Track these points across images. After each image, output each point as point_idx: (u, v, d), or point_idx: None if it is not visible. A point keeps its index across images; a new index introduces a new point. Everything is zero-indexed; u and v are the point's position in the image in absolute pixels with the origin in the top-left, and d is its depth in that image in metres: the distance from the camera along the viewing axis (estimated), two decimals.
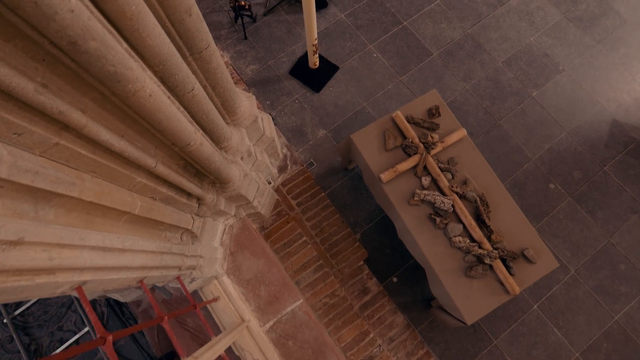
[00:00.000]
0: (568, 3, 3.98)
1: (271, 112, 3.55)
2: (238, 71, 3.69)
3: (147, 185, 1.53)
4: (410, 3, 3.95)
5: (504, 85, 3.67)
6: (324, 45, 3.76)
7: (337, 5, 3.92)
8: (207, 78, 1.84)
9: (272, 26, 3.84)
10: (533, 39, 3.83)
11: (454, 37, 3.83)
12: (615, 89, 3.66)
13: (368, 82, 3.62)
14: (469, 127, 3.51)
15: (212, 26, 3.83)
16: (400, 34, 3.82)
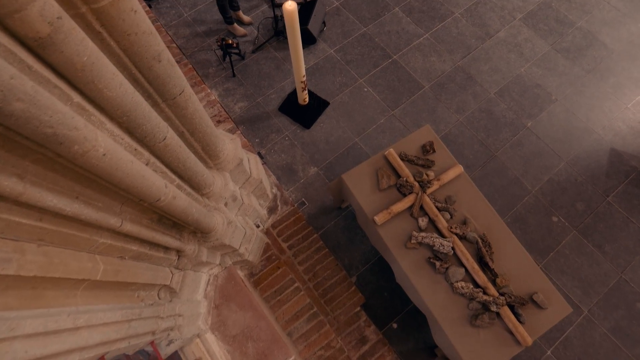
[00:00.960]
0: (554, 35, 4.01)
1: (260, 150, 3.44)
2: (226, 109, 3.61)
3: (112, 246, 1.37)
4: (399, 37, 3.96)
5: (498, 116, 3.60)
6: (313, 81, 3.72)
7: (326, 41, 3.92)
8: (184, 124, 1.73)
9: (261, 63, 3.81)
10: (523, 70, 3.82)
11: (445, 70, 3.81)
12: (610, 118, 3.60)
13: (359, 117, 3.55)
14: (464, 160, 3.41)
15: (200, 64, 3.80)
16: (390, 68, 3.80)
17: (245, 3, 4.11)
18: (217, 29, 3.98)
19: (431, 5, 4.15)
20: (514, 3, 4.18)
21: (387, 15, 4.09)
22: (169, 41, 3.80)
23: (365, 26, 4.02)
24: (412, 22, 4.06)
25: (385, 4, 4.16)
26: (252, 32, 3.96)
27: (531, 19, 4.09)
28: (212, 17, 4.03)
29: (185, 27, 3.99)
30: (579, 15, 4.12)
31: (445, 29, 4.02)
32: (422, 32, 4.01)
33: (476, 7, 4.15)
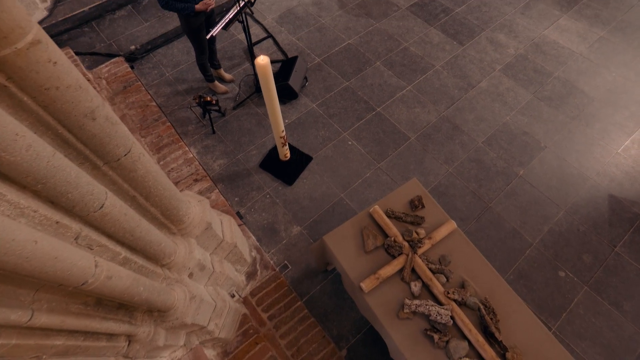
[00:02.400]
0: (535, 84, 4.04)
1: (240, 209, 3.22)
2: (204, 167, 3.44)
3: (20, 346, 1.08)
4: (381, 90, 3.96)
5: (489, 165, 3.47)
6: (295, 136, 3.61)
7: (308, 96, 3.89)
8: (136, 187, 1.52)
9: (242, 119, 3.73)
10: (509, 118, 3.77)
11: (430, 120, 3.75)
12: (602, 163, 3.48)
13: (344, 171, 3.39)
14: (457, 212, 3.20)
15: (179, 122, 3.71)
16: (374, 120, 3.73)
17: (227, 62, 4.14)
18: (198, 87, 3.95)
19: (412, 59, 4.22)
20: (492, 56, 4.27)
21: (368, 70, 4.13)
22: (149, 100, 3.74)
23: (348, 80, 4.03)
24: (394, 75, 4.08)
25: (366, 59, 4.22)
26: (234, 89, 3.94)
27: (510, 69, 4.15)
28: (193, 75, 4.03)
29: (166, 86, 3.97)
30: (555, 66, 4.19)
31: (428, 81, 4.04)
32: (405, 84, 4.02)
33: (456, 60, 4.22)
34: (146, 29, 4.28)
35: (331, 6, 4.74)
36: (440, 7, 4.74)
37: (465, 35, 4.46)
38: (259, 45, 4.30)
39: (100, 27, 4.33)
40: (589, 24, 4.59)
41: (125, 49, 4.13)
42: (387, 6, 4.76)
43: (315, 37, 4.41)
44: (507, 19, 4.62)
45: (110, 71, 3.94)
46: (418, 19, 4.62)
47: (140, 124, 3.59)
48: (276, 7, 4.73)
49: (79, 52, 4.06)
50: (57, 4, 4.32)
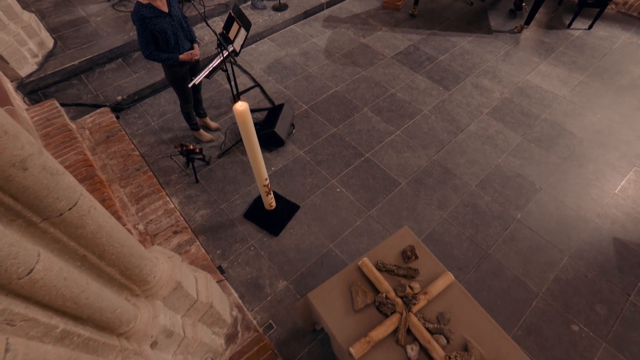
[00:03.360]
0: (523, 127, 4.02)
1: (222, 263, 2.98)
2: (186, 218, 3.25)
3: None
4: (370, 136, 3.91)
5: (484, 209, 3.32)
6: (282, 184, 3.48)
7: (295, 143, 3.82)
8: (86, 245, 1.33)
9: (227, 168, 3.61)
10: (501, 161, 3.69)
11: (421, 165, 3.66)
12: (601, 205, 3.35)
13: (333, 220, 3.21)
14: (454, 261, 2.99)
15: (162, 172, 3.58)
16: (363, 166, 3.63)
17: (214, 110, 4.12)
18: (184, 135, 3.88)
19: (399, 105, 4.23)
20: (478, 100, 4.31)
21: (356, 116, 4.11)
22: (132, 149, 3.64)
23: (335, 127, 3.99)
24: (382, 121, 4.06)
25: (354, 106, 4.22)
26: (219, 137, 3.87)
27: (497, 113, 4.16)
28: (179, 124, 3.97)
29: (150, 135, 3.89)
30: (541, 109, 4.22)
31: (416, 126, 4.02)
32: (393, 129, 3.98)
33: (443, 105, 4.24)
34: (134, 80, 4.30)
35: (318, 56, 4.86)
36: (424, 56, 4.88)
37: (451, 81, 4.53)
38: (246, 94, 4.32)
39: (89, 79, 4.36)
40: (568, 69, 4.72)
41: (112, 99, 4.11)
42: (373, 55, 4.89)
43: (302, 85, 4.46)
44: (490, 66, 4.74)
45: (95, 121, 3.88)
46: (404, 66, 4.73)
47: (120, 174, 3.45)
48: (264, 57, 4.84)
49: (65, 104, 4.04)
50: (48, 59, 4.37)
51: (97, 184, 3.17)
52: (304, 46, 5.03)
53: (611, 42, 5.15)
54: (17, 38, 4.07)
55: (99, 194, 3.09)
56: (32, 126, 3.58)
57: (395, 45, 5.05)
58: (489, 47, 5.02)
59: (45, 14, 5.03)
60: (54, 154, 3.38)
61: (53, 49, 4.47)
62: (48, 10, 5.10)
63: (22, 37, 4.14)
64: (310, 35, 5.23)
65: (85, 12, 5.04)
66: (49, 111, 3.76)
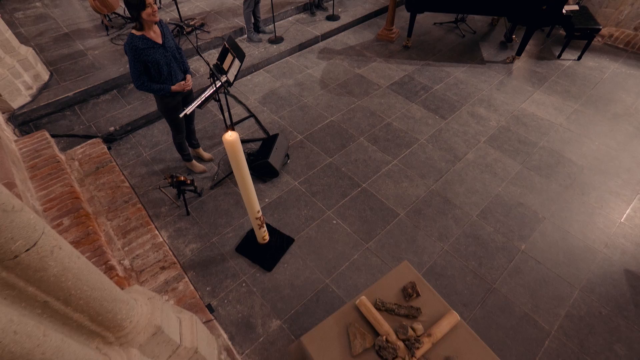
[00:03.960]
0: (522, 154, 3.97)
1: (211, 300, 2.80)
2: (174, 252, 3.09)
3: None
4: (366, 166, 3.83)
5: (487, 240, 3.18)
6: (276, 216, 3.35)
7: (290, 174, 3.72)
8: (48, 290, 1.18)
9: (219, 199, 3.49)
10: (501, 189, 3.60)
11: (419, 195, 3.55)
12: (608, 234, 3.23)
13: (329, 253, 3.06)
14: (458, 296, 2.81)
15: (152, 204, 3.45)
16: (360, 197, 3.52)
17: (208, 141, 4.06)
18: (176, 166, 3.79)
19: (395, 134, 4.19)
20: (475, 128, 4.28)
21: (352, 145, 4.06)
22: (121, 181, 3.53)
23: (331, 157, 3.92)
24: (378, 150, 4.00)
25: (349, 135, 4.18)
26: (212, 168, 3.78)
27: (495, 141, 4.12)
28: (171, 155, 3.89)
29: (142, 166, 3.80)
30: (538, 137, 4.19)
31: (413, 155, 3.95)
32: (390, 158, 3.91)
33: (440, 134, 4.20)
34: (128, 111, 4.26)
35: (313, 86, 4.88)
36: (419, 85, 4.91)
37: (447, 110, 4.53)
38: (240, 125, 4.28)
39: (82, 110, 4.32)
40: (562, 98, 4.74)
41: (105, 130, 4.05)
42: (368, 85, 4.91)
43: (297, 115, 4.43)
44: (485, 95, 4.76)
45: (85, 152, 3.80)
46: (399, 96, 4.74)
47: (108, 206, 3.32)
48: (259, 88, 4.85)
49: (55, 135, 3.97)
50: (42, 91, 4.35)
51: (82, 217, 3.03)
52: (299, 77, 5.07)
53: (601, 72, 5.22)
54: (11, 71, 4.07)
55: (83, 227, 2.94)
56: (19, 157, 3.49)
57: (390, 76, 5.09)
58: (482, 77, 5.07)
59: (44, 48, 5.08)
60: (40, 185, 3.26)
61: (48, 81, 4.47)
62: (47, 45, 5.16)
63: (17, 70, 4.14)
64: (306, 66, 5.28)
65: (84, 46, 5.10)
66: (38, 142, 3.68)
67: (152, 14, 2.47)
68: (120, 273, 2.75)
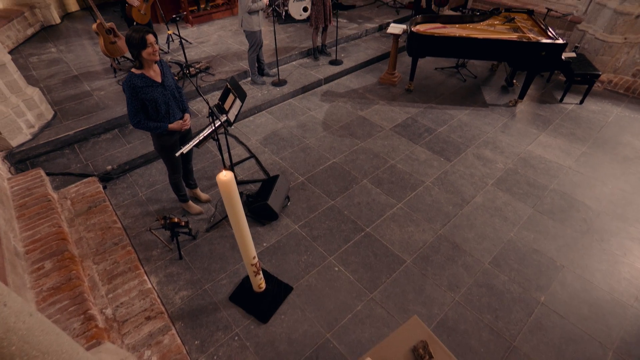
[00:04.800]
0: (532, 198, 3.80)
1: (199, 356, 2.51)
2: (163, 300, 2.85)
3: None
4: (370, 209, 3.66)
5: (501, 290, 2.92)
6: (274, 262, 3.13)
7: (290, 217, 3.55)
8: None
9: (214, 243, 3.30)
10: (513, 235, 3.39)
11: (426, 240, 3.35)
12: (636, 286, 2.96)
13: (330, 304, 2.81)
14: (475, 356, 2.51)
15: (143, 246, 3.26)
16: (364, 242, 3.32)
17: (206, 181, 3.94)
18: (172, 207, 3.64)
19: (400, 177, 4.06)
20: (481, 170, 4.15)
21: (355, 188, 3.92)
22: (113, 221, 3.36)
23: (333, 199, 3.77)
24: (382, 193, 3.85)
25: (352, 177, 4.05)
26: (209, 210, 3.62)
27: (503, 183, 3.97)
28: (168, 195, 3.76)
29: (136, 207, 3.65)
30: (548, 179, 4.04)
31: (419, 198, 3.79)
32: (395, 201, 3.75)
33: (445, 176, 4.07)
34: (127, 150, 4.20)
35: (316, 128, 4.85)
36: (423, 127, 4.87)
37: (452, 152, 4.44)
38: (240, 165, 4.18)
39: (81, 149, 4.27)
40: (568, 140, 4.66)
41: (102, 169, 3.96)
42: (371, 127, 4.88)
43: (299, 156, 4.35)
44: (490, 137, 4.69)
45: (79, 191, 3.68)
46: (402, 138, 4.68)
47: (96, 249, 3.13)
48: (261, 129, 4.83)
49: (51, 173, 3.88)
50: (44, 129, 4.33)
51: (66, 260, 2.83)
52: (302, 119, 5.06)
53: (605, 116, 5.19)
54: (15, 110, 4.07)
55: (65, 271, 2.74)
56: (9, 196, 3.37)
57: (393, 118, 5.08)
58: (486, 119, 5.04)
59: (52, 89, 5.16)
60: (26, 225, 3.10)
61: (51, 120, 4.47)
62: (56, 86, 5.25)
63: (21, 109, 4.14)
64: (308, 108, 5.30)
65: (90, 87, 5.18)
66: (31, 180, 3.58)
67: (153, 53, 2.45)
68: (100, 324, 2.50)
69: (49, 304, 2.49)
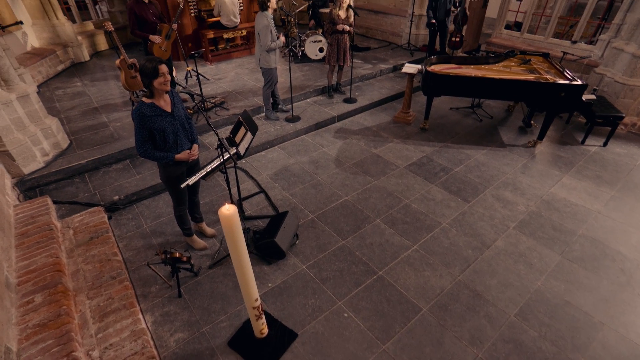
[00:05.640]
0: (559, 244, 3.52)
1: None
2: (157, 342, 2.63)
3: None
4: (383, 250, 3.43)
5: (532, 348, 2.59)
6: (278, 304, 2.90)
7: (298, 256, 3.35)
8: None
9: (217, 281, 3.10)
10: (540, 284, 3.08)
11: (444, 286, 3.07)
12: None
13: (338, 355, 2.52)
14: None
15: (142, 281, 3.09)
16: (376, 286, 3.07)
17: (213, 215, 3.81)
18: (175, 240, 3.50)
19: (415, 217, 3.86)
20: (502, 212, 3.91)
21: (368, 227, 3.72)
22: (113, 253, 3.22)
23: (344, 239, 3.57)
24: (396, 234, 3.64)
25: (365, 216, 3.86)
26: (214, 245, 3.46)
27: (526, 227, 3.71)
28: (172, 228, 3.63)
29: (140, 239, 3.52)
30: (575, 224, 3.77)
31: (435, 240, 3.56)
32: (410, 243, 3.52)
33: (463, 217, 3.84)
34: (136, 181, 4.15)
35: (328, 165, 4.75)
36: (438, 167, 4.71)
37: (469, 192, 4.24)
38: (249, 200, 4.06)
39: (91, 178, 4.24)
40: (595, 183, 4.42)
41: (109, 199, 3.89)
42: (385, 165, 4.75)
43: (310, 193, 4.21)
44: (509, 178, 4.49)
45: (83, 221, 3.58)
46: (417, 177, 4.52)
47: (92, 282, 2.97)
48: (272, 164, 4.75)
49: (57, 201, 3.82)
50: (58, 158, 4.35)
51: (58, 294, 2.67)
52: (314, 155, 4.99)
53: (632, 159, 4.95)
54: (32, 138, 4.12)
55: (56, 306, 2.57)
56: (12, 223, 3.29)
57: (407, 156, 4.95)
58: (504, 160, 4.87)
59: (72, 120, 5.28)
60: (24, 255, 2.99)
61: (66, 149, 4.51)
62: (75, 117, 5.37)
63: (38, 138, 4.19)
64: (321, 144, 5.24)
65: (107, 118, 5.28)
66: (37, 208, 3.52)
67: (164, 83, 2.43)
68: None
69: (32, 343, 2.30)
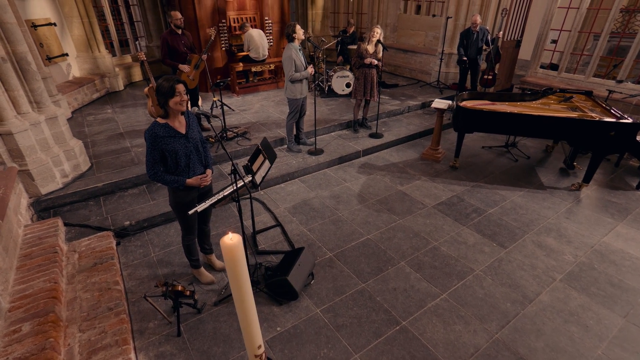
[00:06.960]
0: (621, 303, 3.00)
1: None
2: None
3: None
4: (407, 297, 3.04)
5: None
6: (286, 352, 2.53)
7: (312, 298, 3.01)
8: None
9: (221, 320, 2.79)
10: (602, 353, 2.57)
11: (479, 345, 2.62)
12: None
13: None
14: None
15: (140, 315, 2.82)
16: (399, 339, 2.66)
17: None
18: (182, 272, 3.25)
19: (444, 261, 3.46)
20: (545, 262, 3.45)
21: (391, 270, 3.35)
22: (115, 282, 3.00)
23: (364, 282, 3.21)
24: (423, 279, 3.24)
25: (388, 258, 3.50)
26: (222, 280, 3.18)
27: (576, 281, 3.22)
28: (180, 259, 3.40)
29: (145, 268, 3.30)
30: (639, 281, 3.24)
31: (468, 289, 3.13)
32: (438, 291, 3.11)
33: (500, 265, 3.41)
34: (149, 207, 4.01)
35: (350, 200, 4.48)
36: (470, 207, 4.33)
37: (506, 237, 3.81)
38: (264, 234, 3.81)
39: (105, 202, 4.15)
40: None
41: (120, 224, 3.75)
42: (411, 203, 4.42)
43: (329, 229, 3.92)
44: (552, 223, 4.03)
45: (90, 245, 3.42)
46: (447, 217, 4.14)
47: (87, 312, 2.73)
48: (291, 197, 4.53)
49: (68, 224, 3.71)
50: (76, 180, 4.32)
51: (48, 324, 2.43)
52: (336, 189, 4.74)
53: None
54: (54, 159, 4.12)
55: (42, 338, 2.32)
56: (19, 244, 3.17)
57: (436, 195, 4.61)
58: (545, 203, 4.42)
59: (97, 144, 5.34)
60: (22, 278, 2.81)
61: (86, 172, 4.49)
62: (100, 141, 5.44)
63: (60, 159, 4.19)
64: (344, 179, 5.00)
65: (130, 144, 5.31)
66: (46, 230, 3.40)
67: (180, 102, 2.31)
68: None
69: None
